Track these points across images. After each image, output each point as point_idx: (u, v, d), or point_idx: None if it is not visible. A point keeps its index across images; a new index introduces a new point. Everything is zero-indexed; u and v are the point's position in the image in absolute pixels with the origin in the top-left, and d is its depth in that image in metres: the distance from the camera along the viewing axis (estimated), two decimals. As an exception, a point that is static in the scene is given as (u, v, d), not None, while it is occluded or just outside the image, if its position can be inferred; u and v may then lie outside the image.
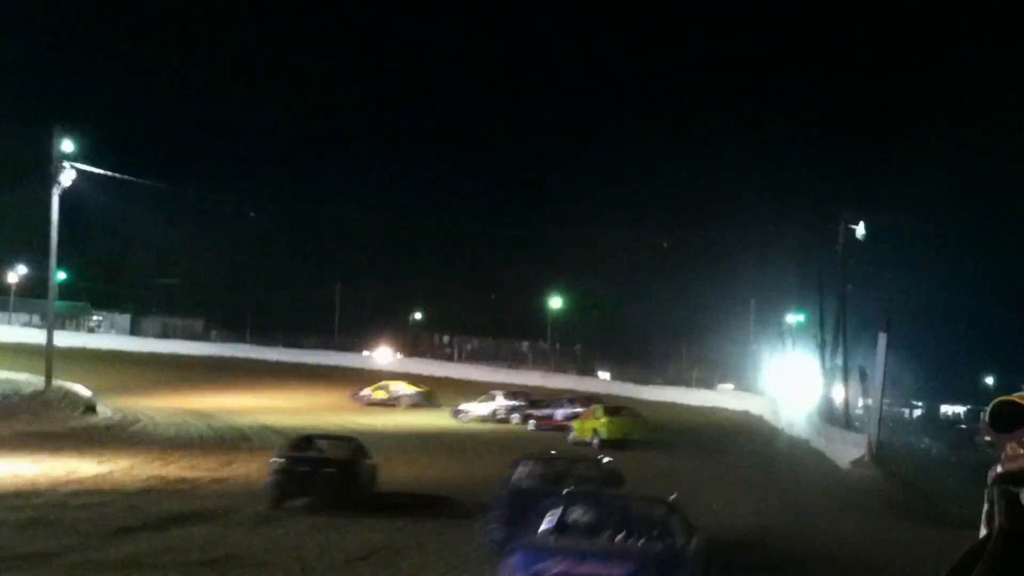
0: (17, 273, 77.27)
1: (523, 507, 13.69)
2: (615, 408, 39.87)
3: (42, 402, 39.05)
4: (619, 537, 11.75)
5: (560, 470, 18.15)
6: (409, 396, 51.40)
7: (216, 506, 20.17)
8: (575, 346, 73.68)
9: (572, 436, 37.81)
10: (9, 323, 74.46)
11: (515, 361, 71.08)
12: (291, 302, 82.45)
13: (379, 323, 77.15)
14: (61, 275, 51.28)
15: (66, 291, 55.23)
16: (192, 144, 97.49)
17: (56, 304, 48.73)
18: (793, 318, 53.24)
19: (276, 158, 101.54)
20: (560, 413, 42.72)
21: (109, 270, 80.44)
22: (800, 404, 44.08)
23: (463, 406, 45.68)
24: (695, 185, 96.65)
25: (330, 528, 17.87)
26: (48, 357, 42.66)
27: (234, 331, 79.38)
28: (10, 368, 49.53)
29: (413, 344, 76.55)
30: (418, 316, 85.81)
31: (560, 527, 11.94)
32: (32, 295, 72.79)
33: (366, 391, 51.94)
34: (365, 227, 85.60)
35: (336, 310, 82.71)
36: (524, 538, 11.94)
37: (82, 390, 42.90)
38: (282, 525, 18.31)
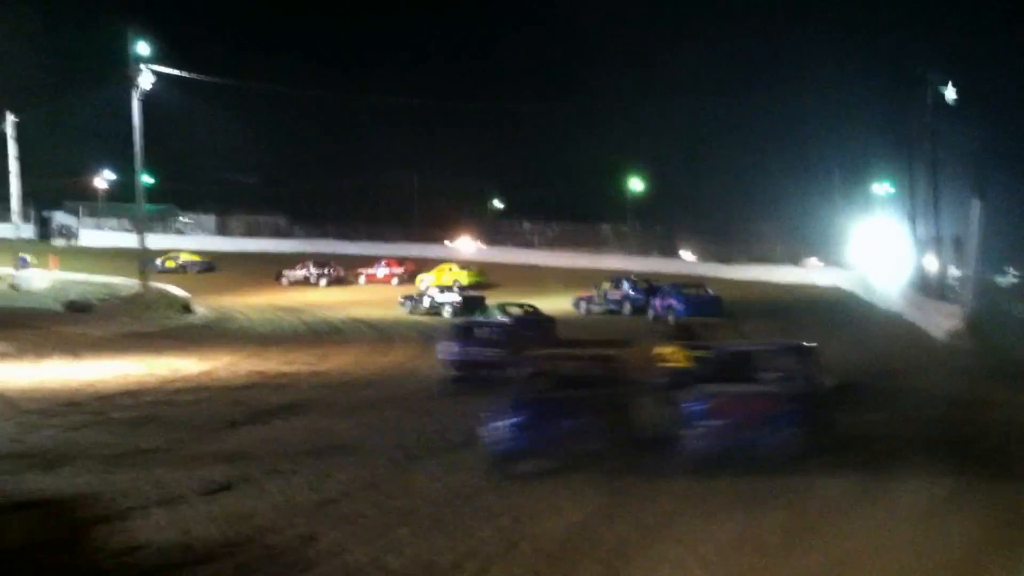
0: (104, 178, 78.96)
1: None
2: (463, 264, 55.05)
3: (140, 303, 40.18)
4: None
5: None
6: (195, 264, 61.29)
7: (316, 398, 20.68)
8: (656, 227, 72.95)
9: (427, 285, 48.39)
10: (99, 228, 76.36)
11: (597, 245, 70.70)
12: (370, 195, 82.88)
13: (459, 212, 77.15)
14: (148, 179, 52.02)
15: (151, 194, 56.22)
16: (259, 39, 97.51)
17: (145, 208, 49.68)
18: (881, 188, 51.83)
19: (346, 50, 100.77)
20: (380, 272, 55.93)
21: (188, 171, 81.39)
22: (892, 277, 43.18)
23: (285, 271, 55.66)
24: (774, 47, 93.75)
25: (436, 413, 18.24)
26: (143, 259, 43.78)
27: (316, 226, 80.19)
28: (105, 272, 51.02)
29: (494, 232, 76.53)
30: (498, 204, 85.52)
31: None
32: (118, 199, 74.42)
33: (158, 261, 58.64)
34: (439, 116, 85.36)
35: (415, 201, 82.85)
36: None
37: (177, 290, 44.05)
38: (380, 413, 18.73)
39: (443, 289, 43.42)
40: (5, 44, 75.16)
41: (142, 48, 42.20)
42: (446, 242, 73.18)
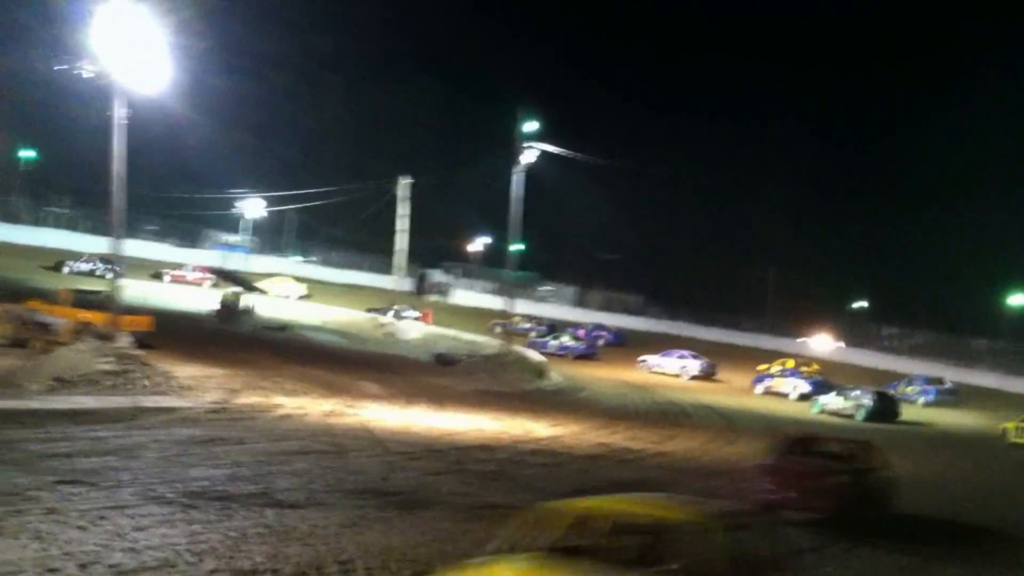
0: (479, 243, 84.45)
1: None
2: (301, 278, 71.16)
3: (499, 364, 42.23)
4: None
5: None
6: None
7: (659, 478, 20.62)
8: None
9: (276, 291, 65.94)
10: (471, 288, 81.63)
11: (966, 359, 65.74)
12: (727, 284, 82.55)
13: (817, 310, 74.87)
14: (519, 246, 54.96)
15: (520, 261, 59.28)
16: (630, 122, 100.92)
17: (512, 274, 52.48)
18: None
19: (722, 139, 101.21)
20: (190, 275, 65.36)
21: (555, 242, 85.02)
22: None
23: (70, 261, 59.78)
24: None
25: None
26: (506, 324, 46.19)
27: (670, 308, 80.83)
28: (470, 329, 54.30)
29: (853, 333, 73.46)
30: (861, 305, 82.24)
31: None
32: (491, 263, 79.17)
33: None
34: (809, 210, 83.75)
35: (769, 294, 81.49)
36: None
37: (535, 356, 45.96)
38: (722, 503, 18.40)
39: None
40: (406, 114, 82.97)
41: (530, 125, 44.81)
42: (801, 339, 71.06)
